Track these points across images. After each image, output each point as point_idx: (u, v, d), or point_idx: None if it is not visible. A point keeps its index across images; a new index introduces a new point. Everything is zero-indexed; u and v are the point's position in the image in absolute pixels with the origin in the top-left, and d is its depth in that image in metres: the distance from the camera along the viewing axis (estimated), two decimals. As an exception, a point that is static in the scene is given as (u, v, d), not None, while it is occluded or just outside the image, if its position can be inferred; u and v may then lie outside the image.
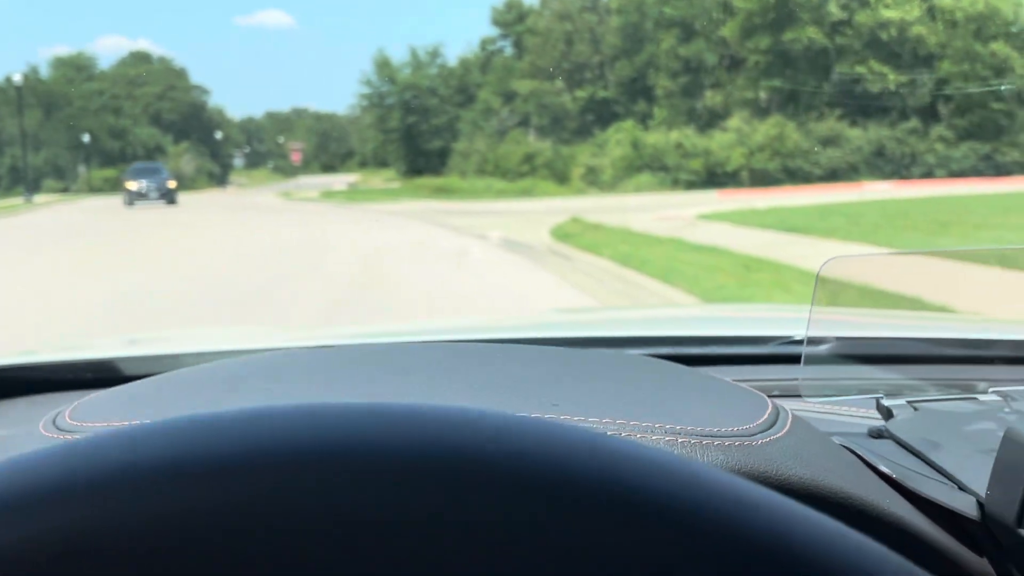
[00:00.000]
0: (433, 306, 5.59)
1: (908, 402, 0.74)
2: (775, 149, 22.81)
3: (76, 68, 31.72)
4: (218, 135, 34.13)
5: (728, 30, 24.51)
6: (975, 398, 0.76)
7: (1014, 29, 24.97)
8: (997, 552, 0.60)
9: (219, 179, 32.31)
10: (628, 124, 24.49)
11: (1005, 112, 24.82)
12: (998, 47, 25.15)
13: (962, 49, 25.19)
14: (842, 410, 0.85)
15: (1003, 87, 24.23)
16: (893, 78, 24.63)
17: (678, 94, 25.66)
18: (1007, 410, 0.73)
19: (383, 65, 29.67)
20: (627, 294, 6.71)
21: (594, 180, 23.20)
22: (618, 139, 23.86)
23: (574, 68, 27.30)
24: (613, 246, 9.53)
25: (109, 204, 20.37)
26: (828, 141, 23.46)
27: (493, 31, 30.85)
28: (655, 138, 23.59)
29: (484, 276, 7.10)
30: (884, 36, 24.27)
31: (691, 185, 22.07)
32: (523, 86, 27.39)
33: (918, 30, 24.37)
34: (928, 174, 23.47)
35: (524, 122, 27.13)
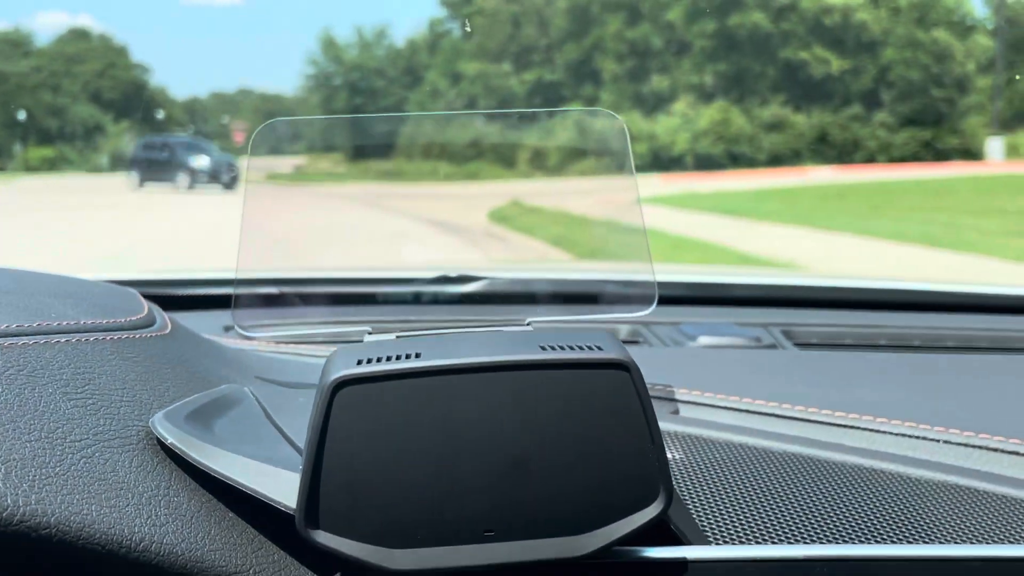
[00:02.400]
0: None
1: (398, 336, 0.63)
2: (719, 134, 22.90)
3: (12, 44, 30.90)
4: (160, 115, 33.51)
5: (674, 14, 24.54)
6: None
7: (955, 17, 25.32)
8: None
9: (161, 159, 31.69)
10: (575, 107, 24.44)
11: (946, 99, 25.17)
12: (940, 35, 25.48)
13: (905, 36, 25.49)
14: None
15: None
16: (837, 64, 24.84)
17: (625, 78, 25.66)
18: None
19: (329, 45, 29.31)
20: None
21: (540, 163, 23.09)
22: (565, 123, 23.78)
23: (521, 51, 27.17)
24: (547, 228, 9.48)
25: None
26: (772, 126, 23.60)
27: (441, 12, 30.62)
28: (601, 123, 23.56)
29: (412, 257, 7.02)
30: (828, 22, 24.47)
31: (636, 169, 22.03)
32: (470, 68, 27.20)
33: (862, 16, 24.62)
34: (870, 159, 23.73)
35: (471, 104, 26.96)
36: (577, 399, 0.45)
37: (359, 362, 0.45)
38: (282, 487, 0.47)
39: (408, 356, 0.45)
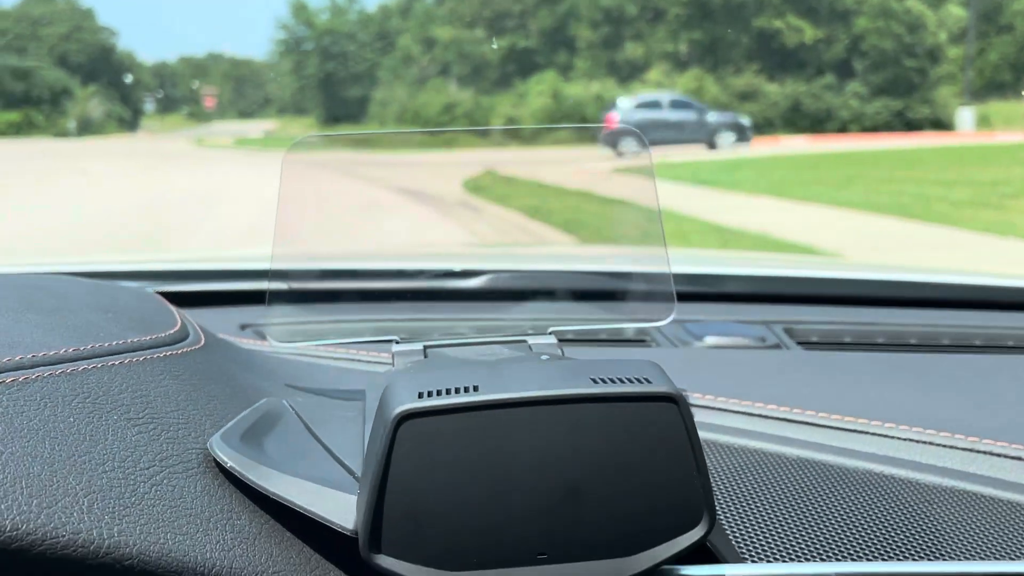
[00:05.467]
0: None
1: (425, 347, 0.66)
2: (694, 102, 22.90)
3: (-25, 6, 30.27)
4: (128, 79, 33.02)
5: (649, -19, 24.42)
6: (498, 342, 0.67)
7: (928, -13, 25.38)
8: None
9: (130, 124, 31.30)
10: (549, 75, 24.33)
11: (918, 69, 25.29)
12: (912, 4, 25.55)
13: (878, 5, 25.52)
14: (361, 355, 0.81)
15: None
16: (810, 33, 24.86)
17: (599, 45, 25.55)
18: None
19: (300, 9, 28.92)
20: (526, 243, 6.66)
21: (514, 131, 23.01)
22: (539, 90, 23.69)
23: (495, 16, 26.97)
24: (522, 199, 9.46)
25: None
26: (746, 95, 23.62)
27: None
28: (576, 89, 23.49)
29: (382, 225, 6.98)
30: (802, -9, 24.45)
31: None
32: (444, 33, 26.98)
33: (836, -15, 24.61)
34: (842, 129, 23.84)
35: (444, 71, 26.77)
36: (627, 430, 0.48)
37: (420, 395, 0.47)
38: (339, 508, 0.49)
39: (467, 389, 0.47)
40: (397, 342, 0.65)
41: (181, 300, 0.84)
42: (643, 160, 0.78)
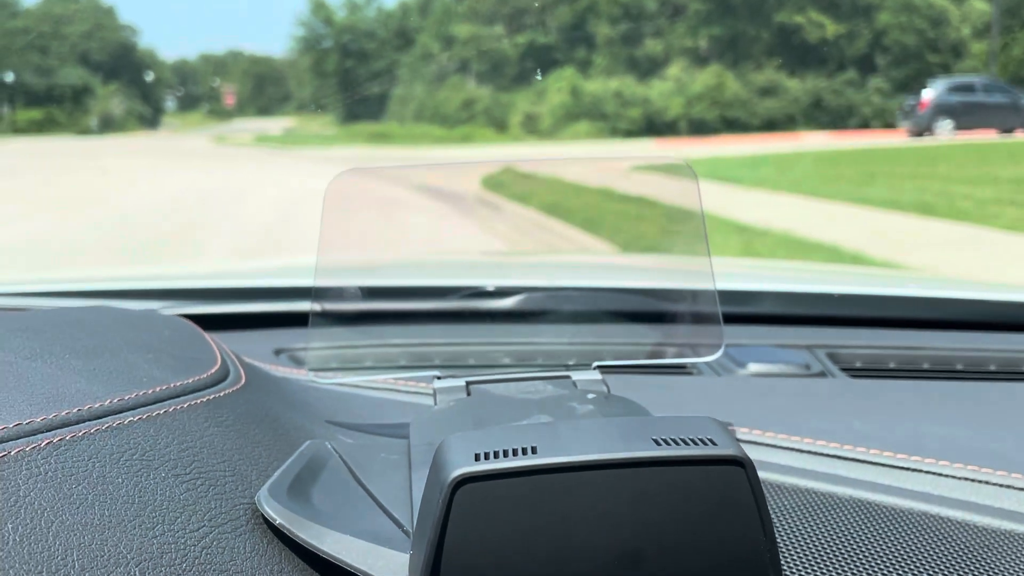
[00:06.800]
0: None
1: (468, 383, 0.65)
2: (714, 98, 22.78)
3: (-1, 5, 30.52)
4: (149, 76, 33.21)
5: (669, -23, 24.31)
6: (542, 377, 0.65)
7: (951, -19, 25.15)
8: None
9: (151, 122, 31.48)
10: (568, 71, 24.26)
11: (941, 64, 25.06)
12: (935, -1, 25.32)
13: (900, 0, 25.30)
14: (400, 385, 0.79)
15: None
16: (832, 29, 24.67)
17: (618, 41, 25.46)
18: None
19: (319, 6, 28.98)
20: (547, 243, 6.63)
21: (533, 128, 22.98)
22: (558, 87, 23.63)
23: (514, 13, 26.92)
24: (541, 196, 9.43)
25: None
26: (766, 91, 23.47)
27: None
28: (594, 86, 23.41)
29: (402, 224, 6.97)
30: (823, -14, 24.27)
31: (629, 134, 21.96)
32: (463, 31, 26.96)
33: (857, -20, 24.41)
34: (864, 125, 23.65)
35: (463, 68, 26.76)
36: (692, 494, 0.46)
37: (476, 456, 0.45)
38: (391, 567, 0.48)
39: (524, 451, 0.46)
40: (439, 377, 0.64)
41: (212, 323, 0.82)
42: (676, 163, 0.76)
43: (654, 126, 22.13)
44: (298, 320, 1.02)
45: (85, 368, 0.55)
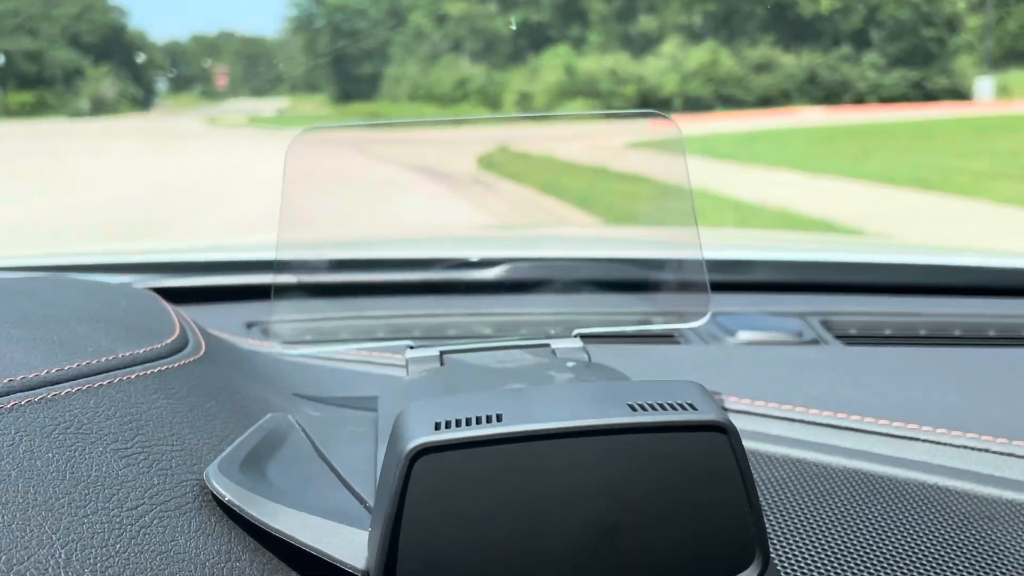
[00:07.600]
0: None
1: (442, 352, 0.61)
2: (708, 75, 22.71)
3: (-13, -13, 30.28)
4: (140, 58, 33.02)
5: (663, -48, 24.17)
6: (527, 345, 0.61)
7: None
8: None
9: (143, 104, 31.33)
10: (562, 49, 24.16)
11: (936, 39, 24.97)
12: (930, -28, 25.19)
13: (895, -26, 25.19)
14: (375, 357, 0.75)
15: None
16: (826, 3, 24.56)
17: (612, 18, 25.33)
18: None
19: (311, -15, 28.81)
20: (542, 221, 6.61)
21: (527, 107, 22.90)
22: (552, 65, 23.53)
23: (507, -10, 26.77)
24: (535, 175, 9.41)
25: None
26: (761, 67, 23.39)
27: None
28: (589, 64, 23.32)
29: (396, 202, 6.93)
30: (818, -40, 24.15)
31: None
32: (455, 8, 26.79)
33: (852, -46, 24.29)
34: (859, 100, 23.59)
35: (457, 47, 26.61)
36: (670, 462, 0.42)
37: (436, 425, 0.42)
38: (350, 546, 0.44)
39: (488, 419, 0.42)
40: (411, 347, 0.60)
41: (183, 296, 0.78)
42: (671, 136, 0.73)
43: (649, 103, 22.05)
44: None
45: (25, 337, 0.52)
